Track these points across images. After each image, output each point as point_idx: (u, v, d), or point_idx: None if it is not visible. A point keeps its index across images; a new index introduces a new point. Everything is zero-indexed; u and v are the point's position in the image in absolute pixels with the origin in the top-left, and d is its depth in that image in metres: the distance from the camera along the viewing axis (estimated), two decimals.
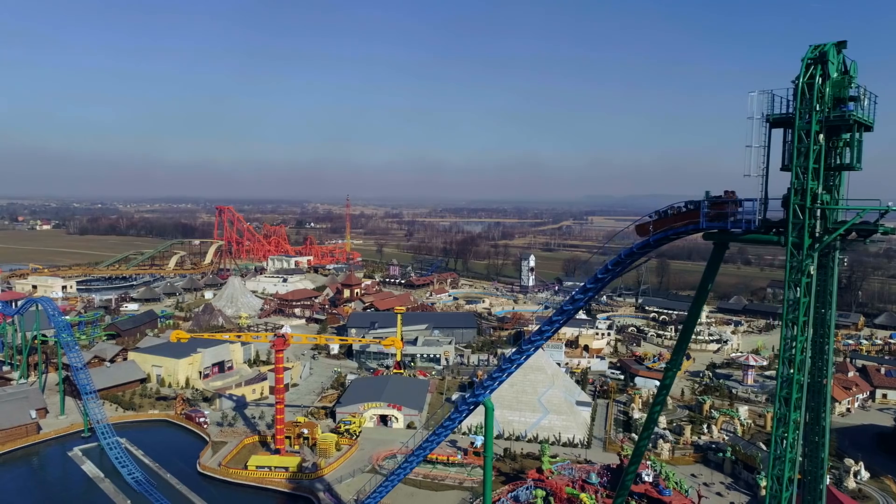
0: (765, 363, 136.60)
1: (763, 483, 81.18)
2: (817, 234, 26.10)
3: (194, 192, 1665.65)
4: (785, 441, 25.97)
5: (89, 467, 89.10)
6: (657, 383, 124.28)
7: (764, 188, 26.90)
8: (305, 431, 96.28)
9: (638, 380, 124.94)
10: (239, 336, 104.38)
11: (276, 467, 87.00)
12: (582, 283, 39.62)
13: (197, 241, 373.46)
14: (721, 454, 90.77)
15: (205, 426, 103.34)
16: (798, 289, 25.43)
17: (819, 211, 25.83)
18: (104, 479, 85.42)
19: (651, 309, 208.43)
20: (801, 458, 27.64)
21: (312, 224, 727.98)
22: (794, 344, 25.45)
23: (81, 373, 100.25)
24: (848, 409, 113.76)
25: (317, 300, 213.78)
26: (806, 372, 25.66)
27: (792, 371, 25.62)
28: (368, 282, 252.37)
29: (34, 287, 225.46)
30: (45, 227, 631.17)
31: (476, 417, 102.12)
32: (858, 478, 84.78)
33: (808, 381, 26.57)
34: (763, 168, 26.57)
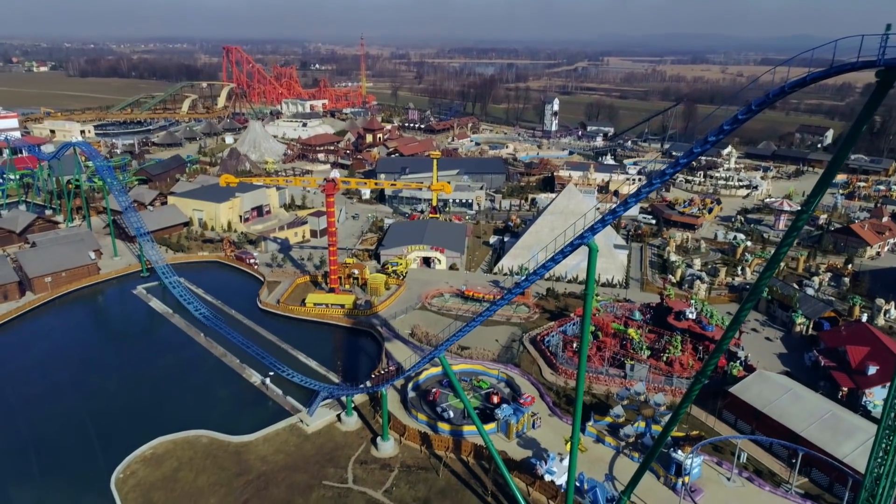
0: (798, 209, 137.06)
1: (799, 320, 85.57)
2: None
3: (187, 32, 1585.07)
4: None
5: (156, 304, 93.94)
6: (725, 233, 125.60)
7: None
8: (356, 272, 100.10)
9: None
10: (288, 181, 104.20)
11: (332, 304, 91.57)
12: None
13: (205, 84, 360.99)
14: None
15: (255, 267, 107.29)
16: None
17: None
18: (173, 314, 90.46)
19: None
20: None
21: (317, 65, 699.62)
22: None
23: (132, 214, 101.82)
24: (878, 253, 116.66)
25: (339, 145, 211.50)
26: None
27: None
28: (389, 126, 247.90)
29: (52, 132, 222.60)
30: (43, 68, 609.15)
31: (516, 261, 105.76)
32: (888, 316, 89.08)
33: None
34: None
